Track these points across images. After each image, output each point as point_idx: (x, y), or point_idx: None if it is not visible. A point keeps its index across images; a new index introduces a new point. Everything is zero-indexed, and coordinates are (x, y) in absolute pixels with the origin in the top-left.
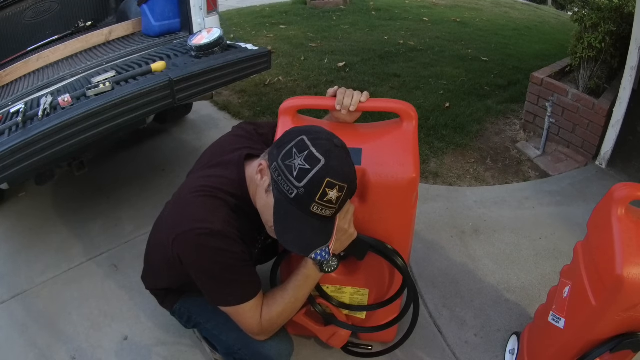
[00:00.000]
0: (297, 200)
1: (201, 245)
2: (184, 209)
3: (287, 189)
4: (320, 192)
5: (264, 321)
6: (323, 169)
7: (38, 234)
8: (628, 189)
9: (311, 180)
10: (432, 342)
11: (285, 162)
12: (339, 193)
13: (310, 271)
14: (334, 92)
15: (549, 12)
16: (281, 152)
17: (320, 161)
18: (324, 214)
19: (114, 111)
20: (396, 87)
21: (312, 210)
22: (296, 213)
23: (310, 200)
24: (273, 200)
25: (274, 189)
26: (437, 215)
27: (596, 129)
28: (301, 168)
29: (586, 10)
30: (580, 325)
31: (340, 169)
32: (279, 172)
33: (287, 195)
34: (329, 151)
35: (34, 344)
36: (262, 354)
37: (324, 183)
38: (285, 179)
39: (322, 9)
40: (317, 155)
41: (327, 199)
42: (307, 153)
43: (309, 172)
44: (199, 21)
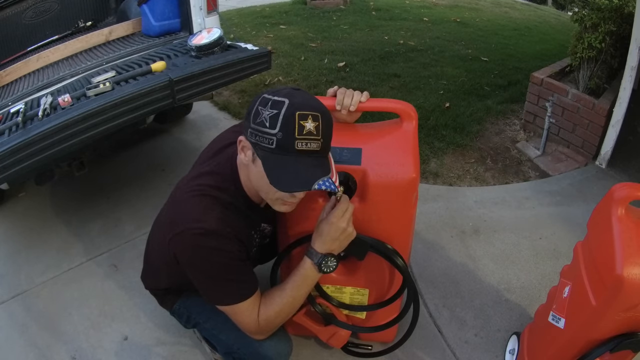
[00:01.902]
0: (279, 146)
1: (196, 245)
2: (179, 208)
3: (267, 142)
4: (297, 127)
5: (261, 320)
6: (289, 106)
7: (38, 234)
8: (628, 189)
9: (283, 121)
10: (432, 342)
11: (255, 120)
12: (314, 122)
13: (308, 271)
14: (334, 92)
15: (549, 12)
16: (250, 116)
17: (284, 102)
18: (311, 148)
19: (114, 111)
20: (396, 87)
21: (298, 148)
22: (284, 158)
23: (291, 139)
24: (260, 164)
25: (257, 152)
26: (437, 215)
27: (596, 129)
28: (270, 116)
29: (586, 10)
30: (580, 325)
31: (306, 102)
32: (255, 133)
33: (270, 147)
34: (289, 92)
35: (34, 344)
36: (261, 353)
37: (296, 117)
38: (262, 134)
39: (322, 9)
40: (280, 99)
41: (306, 131)
42: (270, 102)
43: (278, 115)
44: (199, 21)
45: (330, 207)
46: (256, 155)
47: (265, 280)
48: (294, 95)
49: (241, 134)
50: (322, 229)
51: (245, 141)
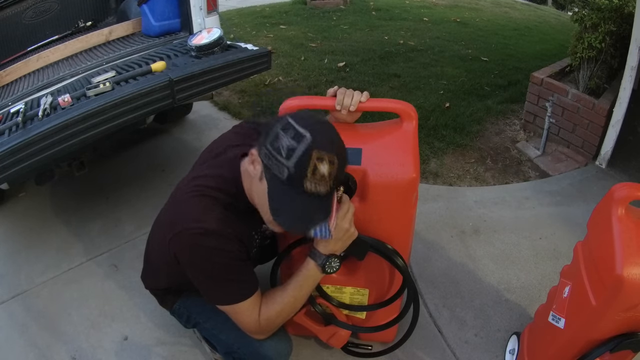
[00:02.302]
0: (289, 179)
1: (196, 244)
2: (180, 208)
3: (278, 171)
4: (311, 167)
5: (262, 320)
6: (310, 143)
7: (38, 234)
8: (628, 189)
9: (300, 157)
10: (432, 342)
11: (273, 144)
12: (330, 166)
13: (311, 271)
14: (334, 92)
15: (549, 12)
16: (268, 136)
17: (306, 136)
18: (319, 191)
19: (114, 111)
20: (396, 87)
21: (306, 187)
22: (290, 193)
23: (302, 177)
24: (266, 186)
25: (266, 174)
26: (437, 215)
27: (596, 129)
28: (288, 146)
29: (586, 10)
30: (580, 325)
31: (327, 141)
32: (269, 156)
33: (280, 177)
34: (312, 125)
35: (34, 344)
36: (261, 353)
37: (313, 157)
38: (275, 161)
39: (322, 9)
40: (302, 131)
41: (319, 174)
42: (292, 131)
43: (296, 148)
44: (199, 21)
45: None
46: (264, 176)
47: (265, 280)
48: (317, 131)
49: (242, 137)
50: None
51: (257, 157)
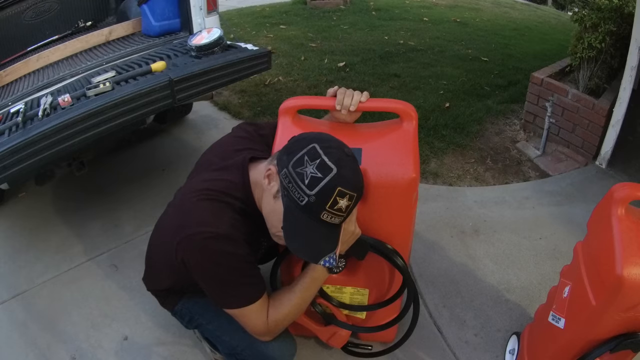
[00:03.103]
0: (307, 208)
1: (206, 248)
2: (188, 213)
3: (297, 196)
4: (332, 201)
5: (270, 322)
6: (335, 178)
7: (38, 234)
8: (628, 189)
9: (323, 189)
10: (432, 342)
11: (296, 169)
12: (349, 202)
13: (317, 273)
14: (334, 92)
15: (549, 12)
16: (292, 159)
17: (333, 170)
18: (332, 222)
19: (114, 111)
20: (396, 87)
21: (322, 218)
22: (306, 220)
23: (320, 209)
24: (281, 206)
25: (284, 195)
26: (437, 215)
27: (596, 129)
28: (313, 176)
29: (586, 10)
30: (580, 325)
31: (352, 178)
32: (290, 179)
33: (298, 203)
34: (340, 160)
35: (34, 344)
36: (266, 354)
37: (336, 192)
38: (296, 186)
39: (322, 9)
40: (329, 164)
41: (337, 207)
42: (319, 161)
43: (321, 180)
44: (199, 21)
45: None
46: (280, 195)
47: (266, 280)
48: (343, 165)
49: (245, 140)
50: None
51: (275, 175)
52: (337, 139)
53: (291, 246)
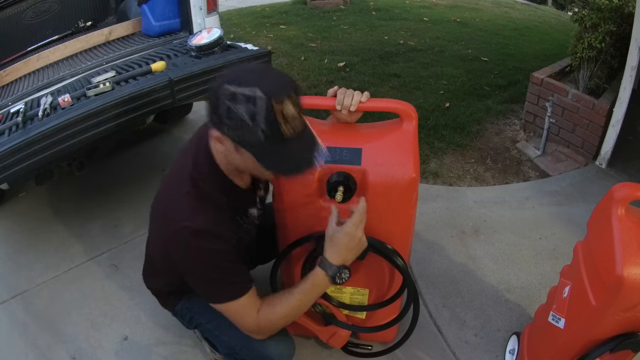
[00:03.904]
0: (268, 138)
1: (186, 244)
2: (170, 205)
3: (253, 137)
4: (280, 116)
5: (262, 320)
6: (263, 98)
7: (38, 234)
8: (628, 189)
9: (264, 115)
10: (432, 342)
11: (232, 119)
12: (293, 103)
13: (320, 281)
14: (334, 92)
15: (549, 12)
16: (221, 114)
17: (255, 93)
18: (297, 130)
19: (114, 111)
20: (396, 87)
21: (286, 134)
22: (276, 147)
23: (278, 130)
24: (249, 154)
25: (243, 145)
26: (437, 215)
27: (596, 129)
28: (247, 112)
29: (586, 10)
30: (580, 325)
31: (276, 85)
32: (234, 129)
33: (258, 140)
34: (254, 81)
35: (34, 344)
36: (263, 354)
37: (275, 107)
38: (244, 130)
39: (322, 9)
40: (249, 93)
41: (288, 116)
42: (240, 97)
43: (256, 109)
44: (199, 21)
45: (336, 218)
46: (241, 147)
47: (265, 280)
48: (261, 80)
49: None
50: (338, 239)
51: (220, 135)
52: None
53: (286, 175)
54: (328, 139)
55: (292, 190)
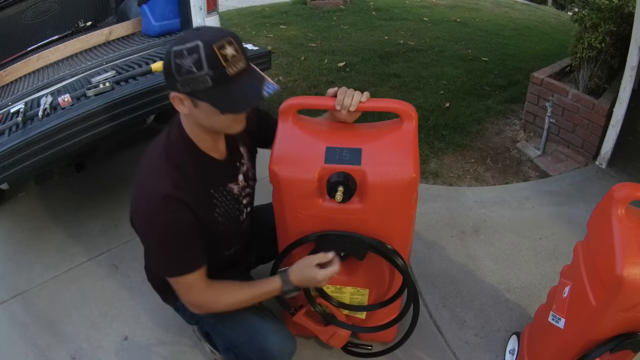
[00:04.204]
0: (215, 80)
1: (146, 208)
2: (138, 177)
3: (203, 84)
4: (221, 57)
5: (206, 300)
6: (205, 44)
7: (38, 234)
8: (628, 189)
9: (207, 58)
10: (432, 342)
11: (183, 74)
12: (232, 46)
13: (273, 289)
14: (334, 92)
15: (549, 12)
16: (173, 73)
17: (197, 43)
18: (240, 67)
19: (114, 111)
20: (396, 87)
21: (230, 73)
22: (224, 87)
23: (222, 70)
24: (205, 103)
25: (198, 97)
26: (437, 215)
27: (596, 129)
28: (193, 62)
29: (586, 10)
30: (580, 325)
31: (214, 34)
32: (187, 83)
33: (207, 86)
34: (194, 35)
35: (34, 344)
36: (265, 349)
37: (216, 50)
38: (194, 80)
39: (322, 9)
40: (191, 44)
41: (229, 55)
42: (185, 51)
43: (200, 57)
44: (199, 21)
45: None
46: (196, 99)
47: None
48: (201, 34)
49: None
50: (307, 274)
51: (177, 95)
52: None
53: (238, 110)
54: (328, 139)
55: (292, 190)
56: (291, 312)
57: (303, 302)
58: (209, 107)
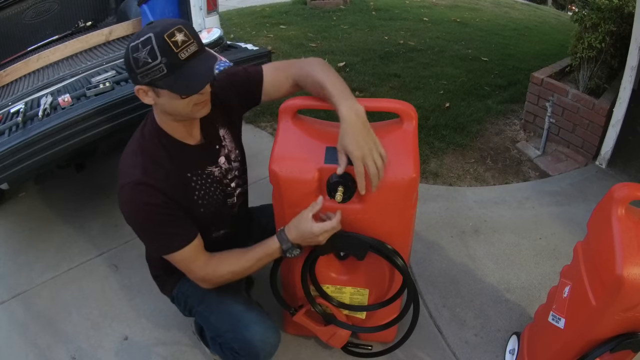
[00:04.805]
0: (169, 66)
1: (128, 199)
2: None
3: (159, 73)
4: (171, 44)
5: (209, 271)
6: (156, 36)
7: (38, 234)
8: (628, 189)
9: (159, 48)
10: (432, 342)
11: (141, 67)
12: (181, 32)
13: (272, 250)
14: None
15: (549, 12)
16: (132, 67)
17: (150, 36)
18: (192, 50)
19: (114, 111)
20: (396, 87)
21: (183, 57)
22: (179, 71)
23: (174, 56)
24: (166, 91)
25: (157, 84)
26: (437, 215)
27: (596, 129)
28: (148, 53)
29: (586, 10)
30: (580, 325)
31: (165, 24)
32: (145, 75)
33: (164, 74)
34: (147, 28)
35: (34, 344)
36: (246, 337)
37: (166, 39)
38: (151, 70)
39: (322, 9)
40: (144, 37)
41: (179, 42)
42: (139, 45)
43: (153, 47)
44: (199, 21)
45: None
46: (157, 89)
47: (266, 280)
48: (154, 27)
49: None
50: (304, 228)
51: (140, 87)
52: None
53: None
54: (328, 139)
55: (292, 190)
56: (291, 312)
57: (303, 302)
58: (168, 93)
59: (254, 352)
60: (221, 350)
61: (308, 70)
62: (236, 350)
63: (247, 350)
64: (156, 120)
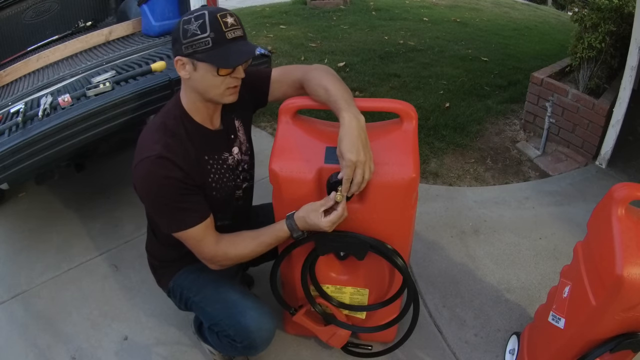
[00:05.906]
0: (215, 41)
1: (146, 172)
2: (136, 152)
3: (203, 45)
4: (222, 23)
5: (219, 252)
6: (210, 13)
7: (38, 234)
8: (628, 189)
9: (210, 23)
10: (432, 342)
11: (188, 37)
12: (232, 17)
13: (282, 236)
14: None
15: (549, 12)
16: (180, 37)
17: (205, 12)
18: (237, 35)
19: (114, 111)
20: (396, 87)
21: (229, 37)
22: (222, 48)
23: (222, 33)
24: (204, 65)
25: (197, 56)
26: (437, 215)
27: (596, 129)
28: (199, 26)
29: (586, 10)
30: (580, 325)
31: (219, 8)
32: (190, 44)
33: (208, 47)
34: (202, 8)
35: (34, 344)
36: (242, 323)
37: (218, 17)
38: (197, 41)
39: (322, 9)
40: (199, 13)
41: (230, 24)
42: (193, 18)
43: (205, 22)
44: None
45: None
46: (196, 61)
47: (265, 279)
48: (208, 7)
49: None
50: (311, 220)
51: (181, 58)
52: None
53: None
54: (328, 139)
55: (292, 190)
56: (291, 312)
57: (303, 302)
58: (206, 66)
59: (250, 338)
60: (218, 339)
61: (315, 74)
62: (232, 337)
63: (244, 337)
64: (181, 102)
